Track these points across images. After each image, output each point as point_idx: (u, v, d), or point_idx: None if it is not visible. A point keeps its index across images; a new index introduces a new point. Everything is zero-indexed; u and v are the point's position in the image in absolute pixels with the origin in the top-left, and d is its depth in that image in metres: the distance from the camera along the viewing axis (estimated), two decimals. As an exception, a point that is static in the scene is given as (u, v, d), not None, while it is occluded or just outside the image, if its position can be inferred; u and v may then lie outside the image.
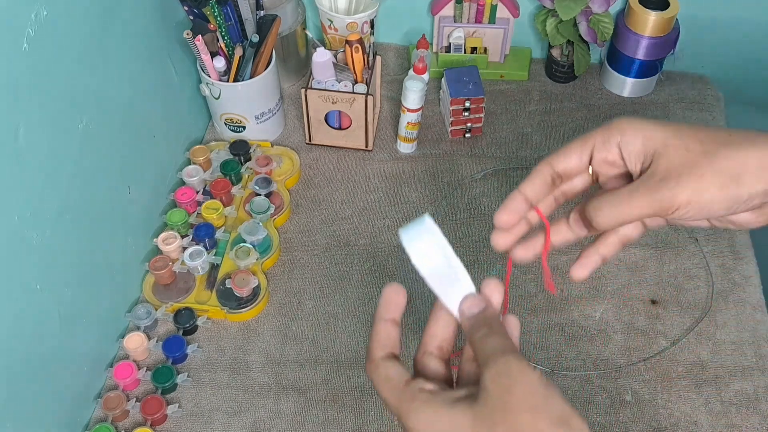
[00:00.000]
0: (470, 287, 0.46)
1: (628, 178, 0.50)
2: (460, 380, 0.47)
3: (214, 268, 0.91)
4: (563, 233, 0.53)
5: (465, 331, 0.45)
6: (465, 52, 1.12)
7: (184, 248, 0.90)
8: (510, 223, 0.50)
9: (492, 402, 0.39)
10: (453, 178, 1.02)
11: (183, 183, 0.97)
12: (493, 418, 0.39)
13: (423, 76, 0.99)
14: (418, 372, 0.46)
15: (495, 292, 0.46)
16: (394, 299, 0.46)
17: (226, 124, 1.03)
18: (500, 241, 0.52)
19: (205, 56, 0.93)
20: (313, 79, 0.99)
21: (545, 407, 0.39)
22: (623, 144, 0.48)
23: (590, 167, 0.51)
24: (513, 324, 0.46)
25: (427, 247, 0.45)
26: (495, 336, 0.43)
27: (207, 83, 0.98)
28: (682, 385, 0.83)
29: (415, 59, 1.00)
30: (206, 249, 0.90)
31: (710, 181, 0.45)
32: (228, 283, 0.88)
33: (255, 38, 0.94)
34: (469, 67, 1.05)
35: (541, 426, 0.38)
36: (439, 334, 0.46)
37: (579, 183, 0.53)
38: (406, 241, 0.45)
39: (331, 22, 1.04)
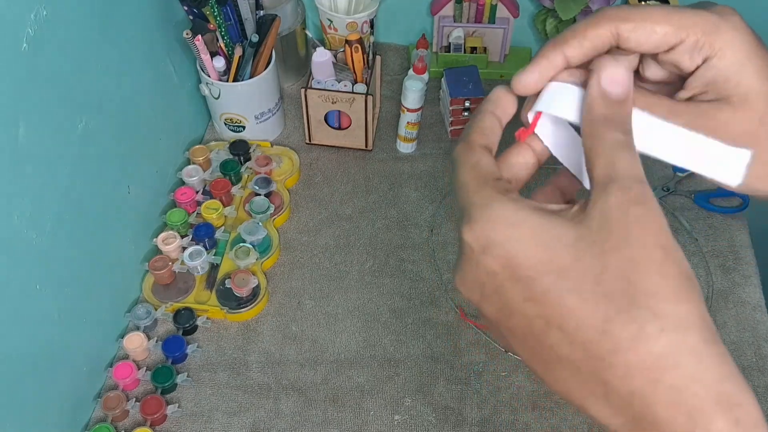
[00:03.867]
0: None
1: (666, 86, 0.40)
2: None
3: (214, 268, 0.91)
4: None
5: (591, 116, 0.35)
6: (465, 52, 1.12)
7: (184, 248, 0.90)
8: (533, 89, 0.39)
9: (609, 228, 0.32)
10: (453, 177, 1.02)
11: (183, 183, 0.97)
12: (606, 246, 0.31)
13: (423, 75, 0.99)
14: None
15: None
16: (504, 100, 0.39)
17: (225, 123, 1.03)
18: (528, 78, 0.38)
19: (205, 56, 0.93)
20: (312, 78, 0.99)
21: (676, 253, 0.31)
22: (711, 64, 0.37)
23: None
24: None
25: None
26: (630, 152, 0.33)
27: (207, 83, 0.98)
28: (681, 385, 0.83)
29: (415, 59, 1.00)
30: (206, 249, 0.90)
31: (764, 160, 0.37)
32: (228, 283, 0.88)
33: (255, 38, 0.94)
34: (469, 66, 1.05)
35: (670, 271, 0.31)
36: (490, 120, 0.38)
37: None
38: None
39: (331, 21, 1.04)
